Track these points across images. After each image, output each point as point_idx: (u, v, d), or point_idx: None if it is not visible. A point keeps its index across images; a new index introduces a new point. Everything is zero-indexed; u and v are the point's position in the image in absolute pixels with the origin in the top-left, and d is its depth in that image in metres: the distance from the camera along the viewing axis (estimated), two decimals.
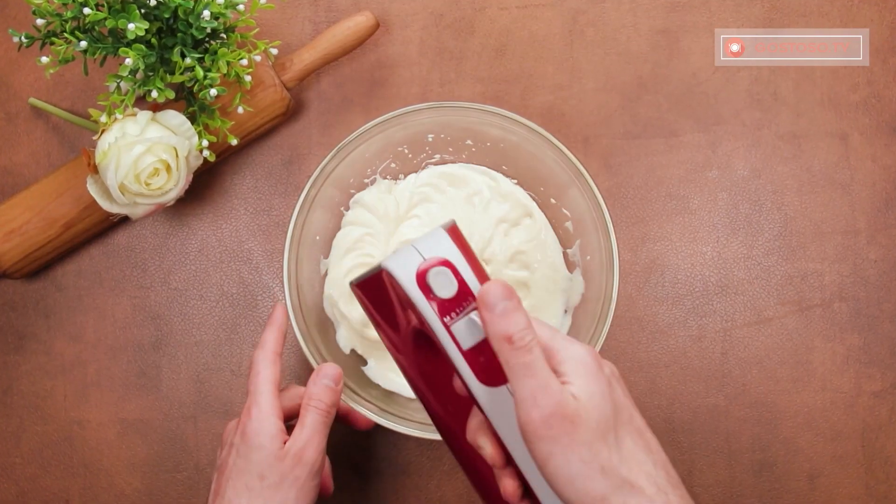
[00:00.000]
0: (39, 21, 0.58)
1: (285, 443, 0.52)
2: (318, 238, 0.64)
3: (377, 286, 0.47)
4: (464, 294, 0.44)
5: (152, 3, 0.57)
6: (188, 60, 0.59)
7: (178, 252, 0.69)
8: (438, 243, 0.45)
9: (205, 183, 0.70)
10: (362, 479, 0.67)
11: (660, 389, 0.68)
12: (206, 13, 0.58)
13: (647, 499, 0.40)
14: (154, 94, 0.59)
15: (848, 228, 0.69)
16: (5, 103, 0.70)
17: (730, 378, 0.68)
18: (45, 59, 0.58)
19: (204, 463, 0.67)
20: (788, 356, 0.68)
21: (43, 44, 0.59)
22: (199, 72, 0.59)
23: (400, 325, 0.48)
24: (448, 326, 0.44)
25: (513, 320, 0.41)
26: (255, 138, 0.69)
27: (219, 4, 0.59)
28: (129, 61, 0.57)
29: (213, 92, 0.60)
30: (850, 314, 0.68)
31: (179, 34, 0.59)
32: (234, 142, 0.64)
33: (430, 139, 0.65)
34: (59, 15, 0.58)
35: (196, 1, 0.58)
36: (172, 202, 0.63)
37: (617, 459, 0.41)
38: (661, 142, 0.69)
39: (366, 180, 0.66)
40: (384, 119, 0.61)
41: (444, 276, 0.44)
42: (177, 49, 0.59)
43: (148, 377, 0.68)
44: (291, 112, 0.69)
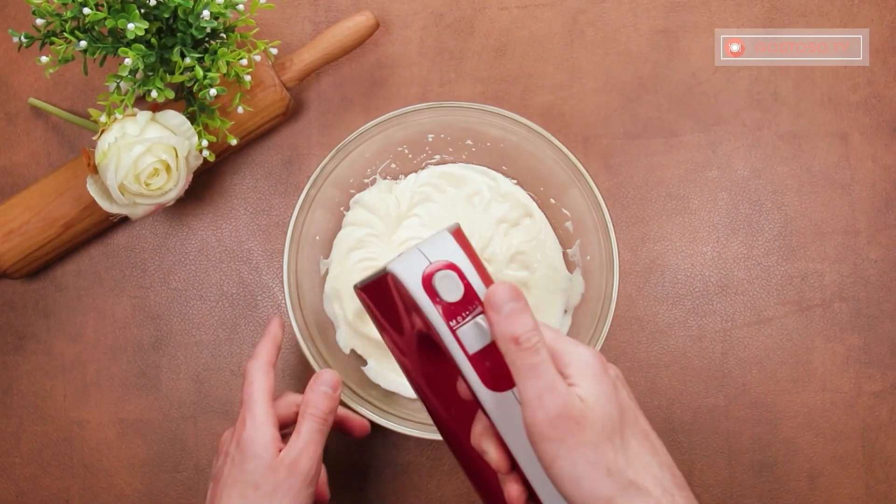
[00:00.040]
0: (39, 21, 0.58)
1: (280, 451, 0.52)
2: (317, 238, 0.64)
3: (382, 290, 0.47)
4: (470, 298, 0.44)
5: (152, 2, 0.57)
6: (188, 60, 0.59)
7: (178, 252, 0.69)
8: (444, 246, 0.45)
9: (204, 183, 0.70)
10: (362, 479, 0.67)
11: (660, 389, 0.68)
12: (206, 13, 0.58)
13: (653, 500, 0.40)
14: (154, 94, 0.59)
15: (848, 228, 0.69)
16: (5, 103, 0.70)
17: (730, 378, 0.68)
18: (44, 58, 0.58)
19: (204, 463, 0.67)
20: (788, 356, 0.68)
21: (43, 44, 0.59)
22: (199, 72, 0.58)
23: (404, 328, 0.48)
24: (454, 330, 0.43)
25: (519, 321, 0.41)
26: (254, 138, 0.69)
27: (218, 4, 0.59)
28: (128, 61, 0.57)
29: (213, 92, 0.60)
30: (850, 314, 0.68)
31: (179, 34, 0.59)
32: (233, 142, 0.64)
33: (430, 139, 0.65)
34: (59, 15, 0.57)
35: (196, 1, 0.58)
36: (172, 202, 0.63)
37: (623, 461, 0.41)
38: (661, 142, 0.69)
39: (366, 180, 0.66)
40: (384, 119, 0.61)
41: (450, 280, 0.44)
42: (176, 49, 0.59)
43: (148, 377, 0.68)
44: (291, 112, 0.69)
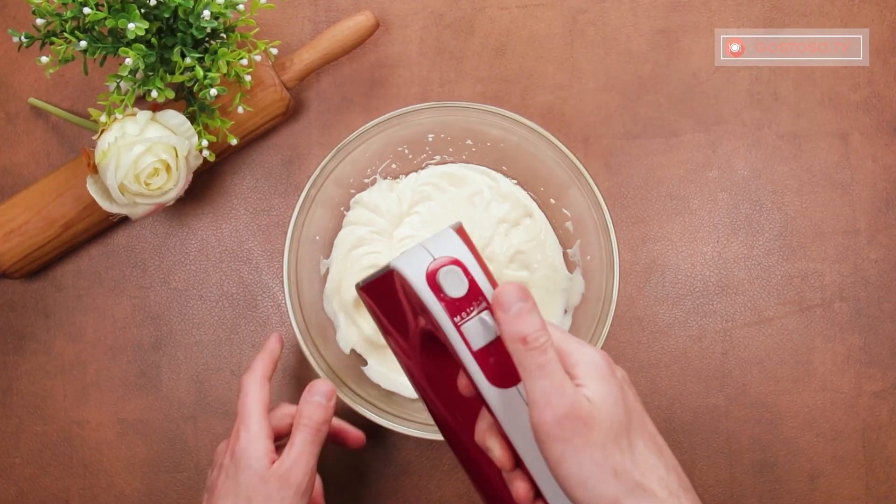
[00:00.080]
0: (39, 21, 0.58)
1: (274, 463, 0.52)
2: (317, 238, 0.64)
3: (384, 288, 0.46)
4: (474, 294, 0.44)
5: (152, 2, 0.57)
6: (188, 60, 0.59)
7: (178, 252, 0.69)
8: (448, 243, 0.45)
9: (204, 183, 0.70)
10: (362, 479, 0.67)
11: (660, 390, 0.68)
12: (206, 13, 0.58)
13: (659, 502, 0.40)
14: (154, 93, 0.59)
15: (848, 228, 0.69)
16: (5, 103, 0.70)
17: (730, 378, 0.68)
18: (44, 58, 0.58)
19: (203, 463, 0.67)
20: (789, 356, 0.68)
21: (43, 44, 0.59)
22: (199, 72, 0.58)
23: (408, 327, 0.47)
24: (458, 326, 0.43)
25: (527, 321, 0.41)
26: (254, 138, 0.69)
27: (219, 4, 0.59)
28: (128, 61, 0.57)
29: (213, 92, 0.60)
30: (850, 314, 0.68)
31: (179, 34, 0.59)
32: (233, 142, 0.64)
33: (430, 139, 0.65)
34: (59, 15, 0.57)
35: (196, 1, 0.58)
36: (172, 202, 0.63)
37: (630, 463, 0.41)
38: (662, 142, 0.69)
39: (366, 180, 0.66)
40: (384, 119, 0.61)
41: (455, 276, 0.43)
42: (177, 49, 0.59)
43: (148, 377, 0.68)
44: (291, 112, 0.69)
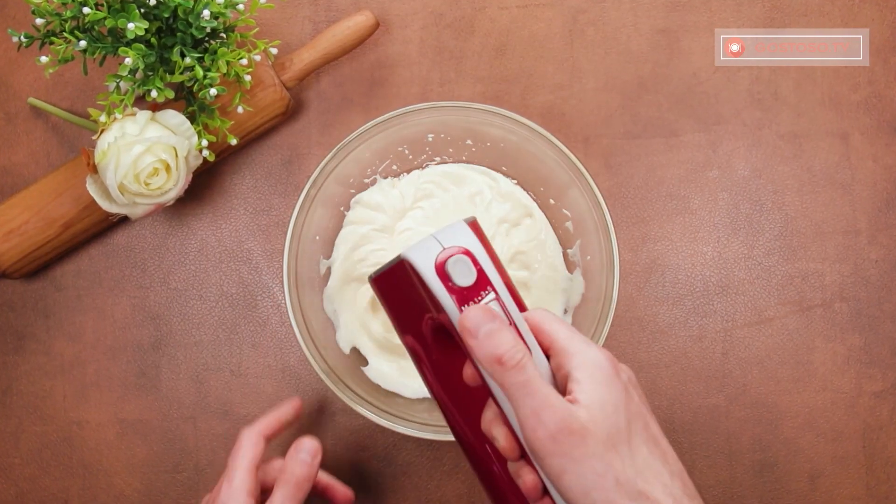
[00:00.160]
0: (39, 21, 0.58)
1: None
2: (318, 238, 0.64)
3: (396, 279, 0.46)
4: (482, 283, 0.44)
5: (152, 2, 0.57)
6: (188, 60, 0.59)
7: (178, 252, 0.69)
8: (458, 234, 0.45)
9: (204, 183, 0.69)
10: (362, 479, 0.67)
11: (660, 390, 0.67)
12: (206, 13, 0.58)
13: None
14: (154, 93, 0.59)
15: (849, 228, 0.69)
16: (5, 103, 0.70)
17: (730, 378, 0.68)
18: (44, 58, 0.58)
19: (203, 464, 0.67)
20: (789, 356, 0.68)
21: (42, 43, 0.59)
22: (199, 71, 0.58)
23: (419, 318, 0.47)
24: None
25: (498, 340, 0.41)
26: (254, 138, 0.69)
27: (218, 4, 0.59)
28: (128, 61, 0.57)
29: (213, 92, 0.60)
30: (850, 314, 0.68)
31: (179, 34, 0.59)
32: (233, 141, 0.64)
33: (430, 139, 0.64)
34: (59, 14, 0.57)
35: (196, 0, 0.58)
36: (172, 202, 0.63)
37: (632, 471, 0.40)
38: (662, 142, 0.69)
39: (366, 180, 0.66)
40: (384, 119, 0.61)
41: (464, 265, 0.44)
42: (176, 49, 0.59)
43: (147, 377, 0.68)
44: (291, 112, 0.69)
